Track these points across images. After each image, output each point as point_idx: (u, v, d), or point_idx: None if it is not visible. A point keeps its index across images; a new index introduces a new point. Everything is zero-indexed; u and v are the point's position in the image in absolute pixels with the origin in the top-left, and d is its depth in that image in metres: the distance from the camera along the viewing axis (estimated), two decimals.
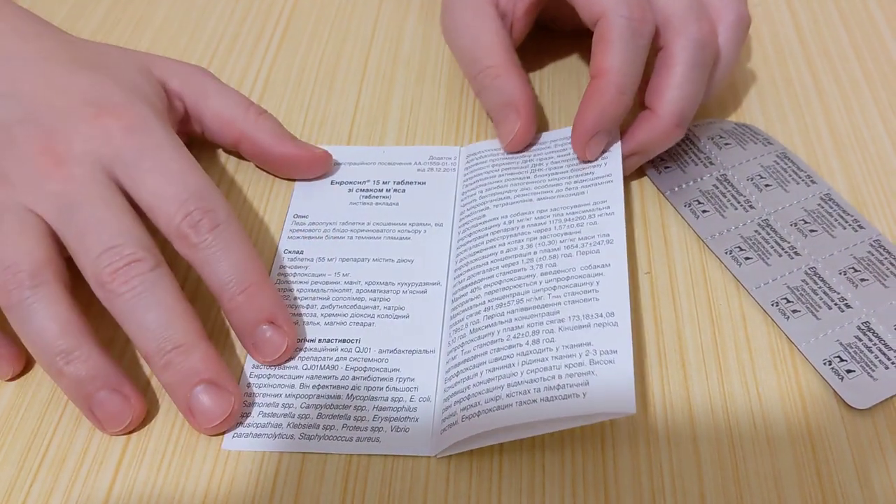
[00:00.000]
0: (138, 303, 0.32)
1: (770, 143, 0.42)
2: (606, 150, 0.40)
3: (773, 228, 0.38)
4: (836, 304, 0.35)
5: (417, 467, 0.32)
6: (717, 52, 0.40)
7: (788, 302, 0.35)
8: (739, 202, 0.39)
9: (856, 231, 0.38)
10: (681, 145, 0.42)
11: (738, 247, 0.38)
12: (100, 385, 0.32)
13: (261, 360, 0.35)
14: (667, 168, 0.41)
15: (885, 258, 0.37)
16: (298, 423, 0.33)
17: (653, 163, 0.41)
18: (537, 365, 0.32)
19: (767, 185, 0.40)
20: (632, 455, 0.32)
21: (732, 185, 0.40)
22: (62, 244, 0.33)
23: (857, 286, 0.36)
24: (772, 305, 0.35)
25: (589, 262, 0.35)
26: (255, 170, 0.43)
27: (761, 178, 0.40)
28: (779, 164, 0.41)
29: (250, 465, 0.32)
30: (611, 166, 0.39)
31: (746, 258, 0.37)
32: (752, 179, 0.40)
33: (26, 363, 0.35)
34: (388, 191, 0.41)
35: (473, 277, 0.36)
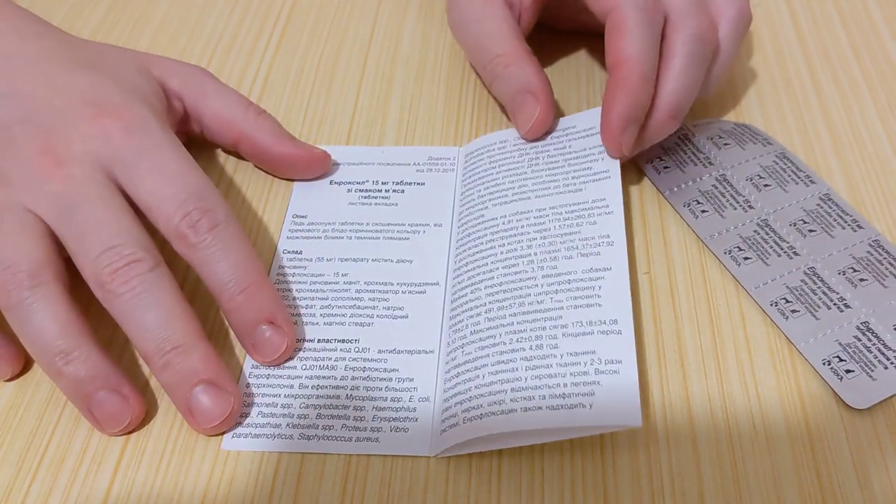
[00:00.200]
0: (137, 303, 0.32)
1: (769, 144, 0.42)
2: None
3: (773, 228, 0.38)
4: (835, 304, 0.35)
5: (417, 467, 0.32)
6: (717, 47, 0.40)
7: (787, 302, 0.35)
8: (739, 202, 0.39)
9: (855, 231, 0.38)
10: (680, 145, 0.42)
11: (738, 247, 0.38)
12: (99, 385, 0.32)
13: (260, 360, 0.35)
14: (666, 168, 0.41)
15: (884, 258, 0.37)
16: (297, 423, 0.33)
17: (652, 163, 0.41)
18: (541, 371, 0.32)
19: (766, 186, 0.40)
20: (631, 455, 0.32)
21: (731, 185, 0.40)
22: (61, 244, 0.33)
23: (856, 286, 0.36)
24: (771, 305, 0.35)
25: (590, 264, 0.35)
26: (254, 170, 0.43)
27: (760, 178, 0.40)
28: (778, 164, 0.41)
29: (249, 465, 0.32)
30: (609, 161, 0.39)
31: (745, 258, 0.37)
32: (751, 179, 0.40)
33: (25, 363, 0.35)
34: (387, 191, 0.41)
35: (474, 278, 0.36)
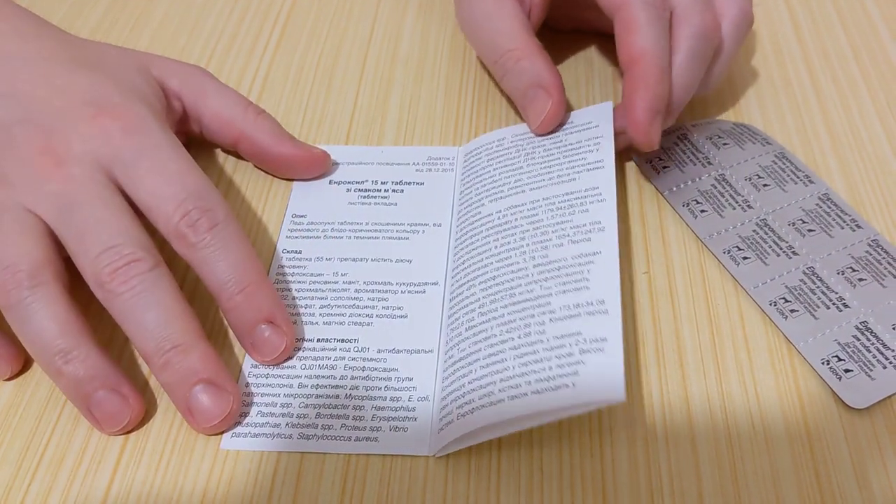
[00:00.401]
0: (137, 302, 0.32)
1: (768, 143, 0.42)
2: (600, 136, 0.39)
3: (772, 228, 0.38)
4: (834, 304, 0.35)
5: (416, 467, 0.32)
6: (719, 45, 0.40)
7: (786, 302, 0.35)
8: (738, 202, 0.39)
9: (854, 231, 0.38)
10: (679, 145, 0.42)
11: (737, 246, 0.38)
12: (98, 385, 0.32)
13: (259, 359, 0.35)
14: (665, 168, 0.41)
15: (883, 258, 0.37)
16: (297, 422, 0.33)
17: (651, 162, 0.41)
18: (528, 358, 0.31)
19: (766, 185, 0.40)
20: (630, 455, 0.32)
21: (731, 185, 0.40)
22: (61, 244, 0.33)
23: (855, 286, 0.36)
24: (770, 305, 0.36)
25: (580, 250, 0.34)
26: (254, 169, 0.43)
27: (759, 177, 0.40)
28: (777, 163, 0.41)
29: (249, 464, 0.32)
30: (603, 151, 0.38)
31: (744, 258, 0.37)
32: (750, 179, 0.40)
33: (25, 363, 0.35)
34: (386, 191, 0.41)
35: (470, 275, 0.36)
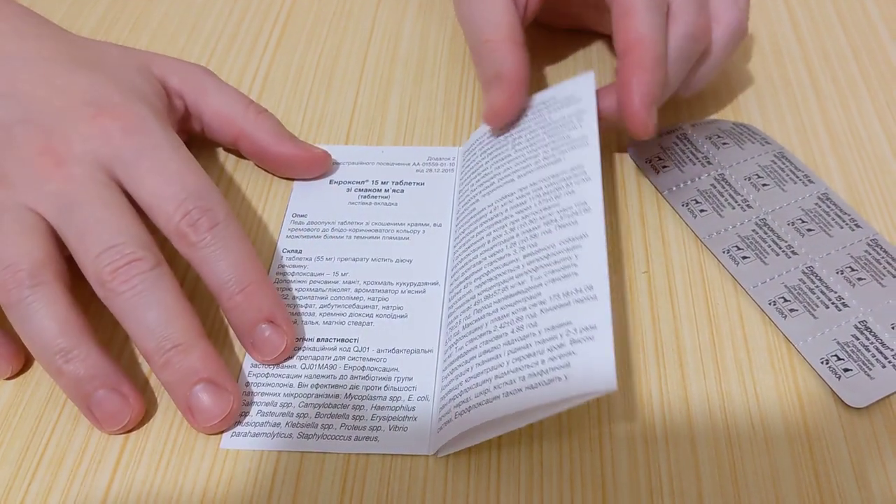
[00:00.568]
0: (138, 302, 0.32)
1: (768, 143, 0.42)
2: (583, 110, 0.38)
3: (771, 228, 0.38)
4: (833, 304, 0.35)
5: (416, 466, 0.32)
6: (707, 49, 0.40)
7: (786, 301, 0.36)
8: (737, 201, 0.39)
9: (853, 230, 0.38)
10: (678, 145, 0.42)
11: (736, 246, 0.38)
12: (98, 384, 0.32)
13: (259, 359, 0.35)
14: (664, 167, 0.41)
15: (882, 257, 0.37)
16: (297, 422, 0.33)
17: (650, 162, 0.41)
18: (521, 352, 0.31)
19: (765, 185, 0.40)
20: (630, 455, 0.32)
21: (730, 185, 0.40)
22: (62, 243, 0.33)
23: (854, 285, 0.36)
24: (769, 304, 0.36)
25: (567, 234, 0.34)
26: (254, 169, 0.43)
27: (759, 177, 0.40)
28: (776, 163, 0.41)
29: (249, 464, 0.32)
30: (586, 127, 0.38)
31: (744, 257, 0.37)
32: (749, 179, 0.40)
33: (25, 362, 0.35)
34: (386, 191, 0.41)
35: (466, 272, 0.36)
